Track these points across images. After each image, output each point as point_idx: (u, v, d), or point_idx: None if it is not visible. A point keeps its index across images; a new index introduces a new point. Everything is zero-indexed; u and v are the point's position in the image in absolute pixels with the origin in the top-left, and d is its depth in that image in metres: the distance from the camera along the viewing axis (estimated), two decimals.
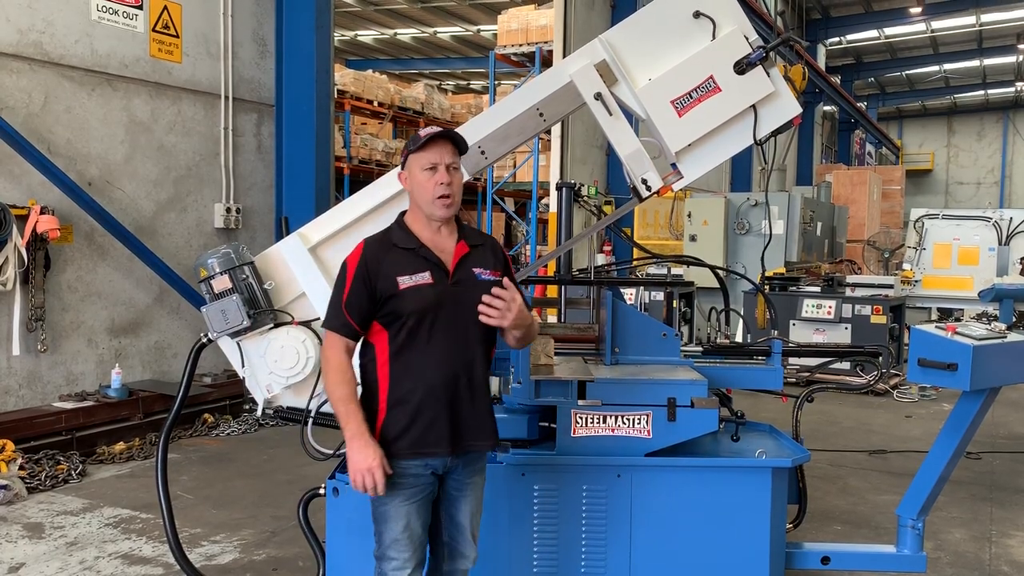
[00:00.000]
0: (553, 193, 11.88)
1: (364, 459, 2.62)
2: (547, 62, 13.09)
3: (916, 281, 11.84)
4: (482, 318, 2.64)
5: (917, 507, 3.57)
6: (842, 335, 9.73)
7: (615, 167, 13.50)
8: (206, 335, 3.47)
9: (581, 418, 3.33)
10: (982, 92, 33.50)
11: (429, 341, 2.70)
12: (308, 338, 3.46)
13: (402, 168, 2.83)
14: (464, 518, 2.85)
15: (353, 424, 2.66)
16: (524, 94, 3.45)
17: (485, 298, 2.62)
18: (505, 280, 2.70)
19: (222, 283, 3.41)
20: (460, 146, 2.79)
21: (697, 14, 3.24)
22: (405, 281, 2.69)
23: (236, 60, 8.42)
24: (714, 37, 3.24)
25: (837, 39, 25.96)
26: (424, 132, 2.77)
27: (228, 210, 8.31)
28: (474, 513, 2.88)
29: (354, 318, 2.72)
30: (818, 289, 10.37)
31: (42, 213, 6.51)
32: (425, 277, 2.70)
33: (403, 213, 2.87)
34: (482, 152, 3.45)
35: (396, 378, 2.72)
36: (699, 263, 4.82)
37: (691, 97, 3.23)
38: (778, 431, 3.85)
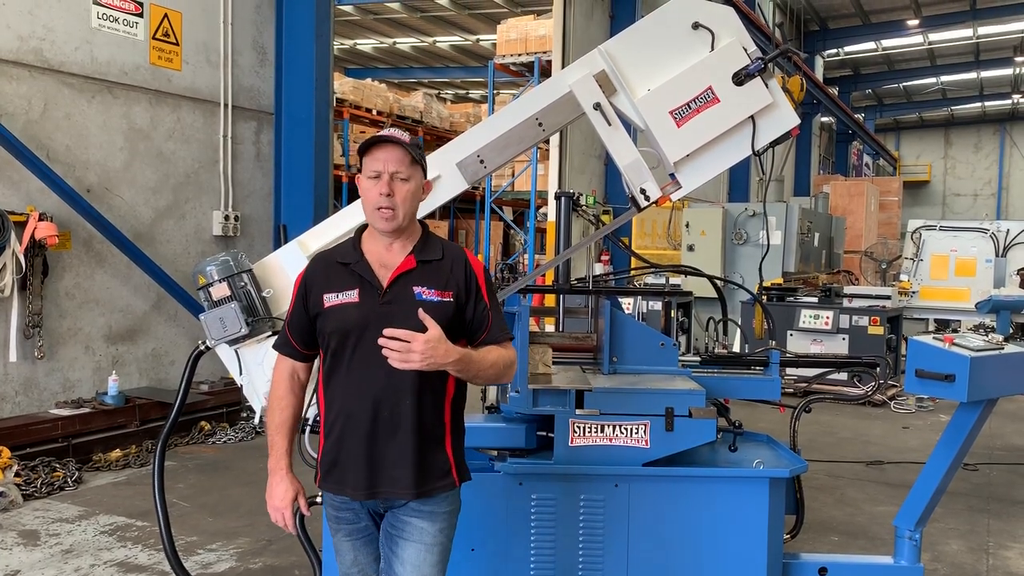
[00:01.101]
0: (551, 202, 11.90)
1: (274, 497, 2.56)
2: (546, 72, 13.13)
3: (913, 292, 11.85)
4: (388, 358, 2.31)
5: (914, 518, 3.57)
6: (839, 346, 9.73)
7: (613, 177, 13.53)
8: (204, 342, 3.47)
9: (579, 427, 3.33)
10: (979, 104, 33.63)
11: (350, 366, 2.45)
12: None
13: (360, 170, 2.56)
14: (401, 567, 2.47)
15: (273, 457, 2.56)
16: (523, 104, 3.45)
17: (381, 340, 2.28)
18: (420, 314, 2.31)
19: (220, 290, 3.40)
20: (412, 153, 2.45)
21: (696, 25, 3.25)
22: (330, 299, 2.46)
23: (236, 68, 8.44)
24: (713, 48, 3.25)
25: (835, 51, 26.07)
26: (380, 134, 2.49)
27: (227, 217, 8.31)
28: (418, 566, 2.46)
29: (295, 338, 2.58)
30: (815, 300, 10.38)
31: (40, 219, 6.51)
32: (351, 295, 2.45)
33: (364, 225, 2.60)
34: (481, 161, 3.45)
35: (327, 405, 2.53)
36: (697, 273, 4.83)
37: (690, 108, 3.24)
38: (776, 441, 3.85)
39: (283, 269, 3.57)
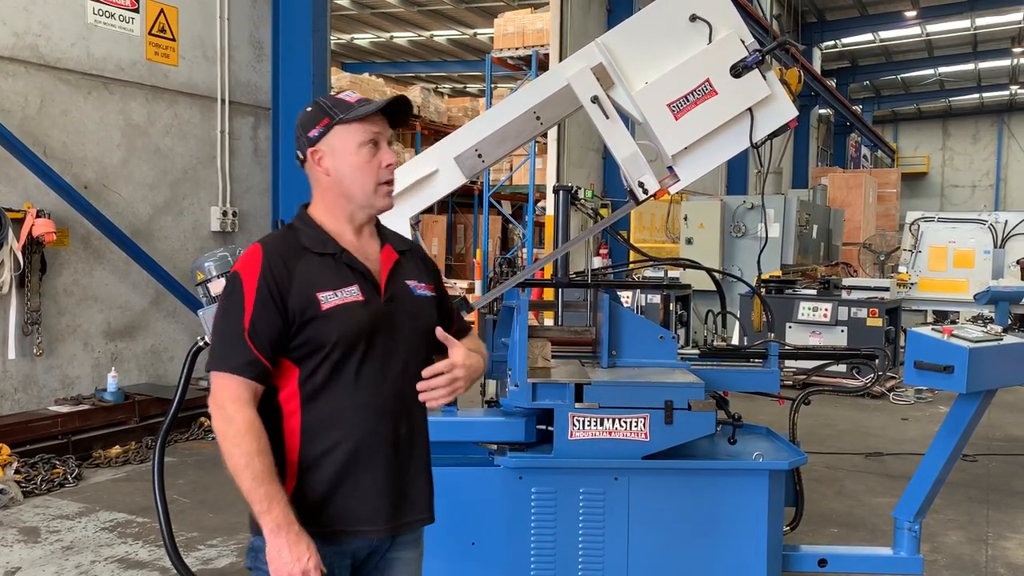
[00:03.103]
0: (550, 196, 11.89)
1: (296, 559, 1.89)
2: (543, 65, 13.12)
3: (912, 284, 11.87)
4: (428, 402, 2.07)
5: (914, 509, 3.57)
6: (838, 338, 9.74)
7: (611, 170, 13.51)
8: (203, 338, 3.46)
9: (578, 421, 3.33)
10: (977, 95, 33.62)
11: (358, 379, 2.02)
12: None
13: (311, 144, 2.06)
14: None
15: (277, 510, 1.91)
16: (521, 97, 3.45)
17: (421, 384, 2.03)
18: (439, 333, 2.08)
19: (218, 286, 3.40)
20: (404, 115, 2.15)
21: (693, 17, 3.25)
22: (329, 298, 1.98)
23: (232, 63, 8.42)
24: (710, 41, 3.24)
25: (832, 42, 26.03)
26: (349, 96, 2.09)
27: (224, 213, 8.30)
28: None
29: (263, 352, 1.96)
30: (814, 292, 10.38)
31: (38, 216, 6.50)
32: (353, 292, 2.01)
33: (304, 206, 2.15)
34: (479, 155, 3.45)
35: (310, 432, 2.02)
36: (695, 266, 4.83)
37: (688, 100, 3.23)
38: (775, 434, 3.85)
39: None
